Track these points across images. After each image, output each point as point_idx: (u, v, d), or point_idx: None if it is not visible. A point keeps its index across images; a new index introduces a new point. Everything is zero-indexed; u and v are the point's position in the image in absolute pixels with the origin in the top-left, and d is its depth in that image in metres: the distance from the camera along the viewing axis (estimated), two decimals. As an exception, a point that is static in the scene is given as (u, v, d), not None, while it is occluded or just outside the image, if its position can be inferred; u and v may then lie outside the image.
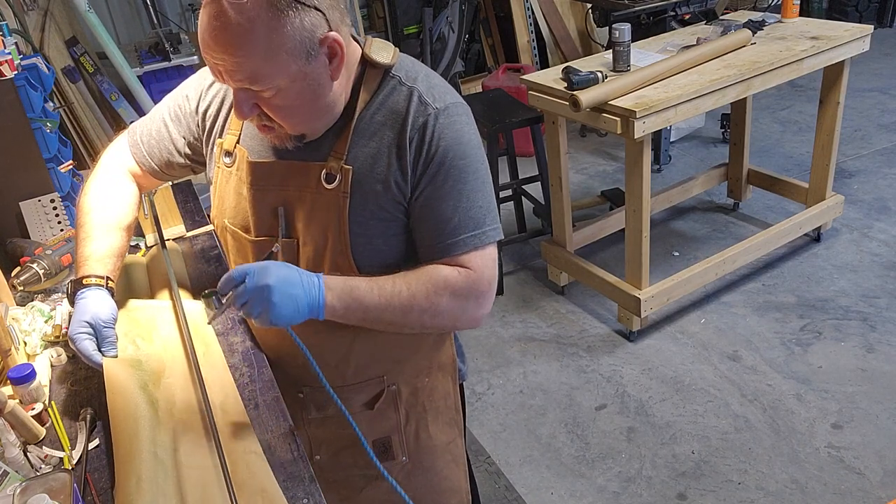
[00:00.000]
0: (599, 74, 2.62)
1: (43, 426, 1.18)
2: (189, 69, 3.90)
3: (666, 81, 2.63)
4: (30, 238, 1.82)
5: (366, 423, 1.36)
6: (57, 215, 1.86)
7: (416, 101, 1.17)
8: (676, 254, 3.47)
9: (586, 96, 2.48)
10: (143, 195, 1.51)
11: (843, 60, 2.97)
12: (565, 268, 3.19)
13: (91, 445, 1.15)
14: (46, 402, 1.24)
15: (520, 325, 3.12)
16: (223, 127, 1.30)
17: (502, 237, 1.24)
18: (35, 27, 3.66)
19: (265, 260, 1.16)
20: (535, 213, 3.67)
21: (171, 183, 1.82)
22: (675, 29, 3.65)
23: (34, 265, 1.54)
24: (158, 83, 3.90)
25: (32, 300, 1.52)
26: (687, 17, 3.83)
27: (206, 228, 1.75)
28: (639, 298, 2.81)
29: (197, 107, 1.33)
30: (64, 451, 1.14)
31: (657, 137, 4.06)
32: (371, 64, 1.19)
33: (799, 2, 3.12)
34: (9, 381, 1.21)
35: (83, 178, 2.20)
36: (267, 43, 1.03)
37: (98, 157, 1.46)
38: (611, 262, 3.32)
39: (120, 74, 3.62)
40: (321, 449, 1.43)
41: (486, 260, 1.21)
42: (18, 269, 1.56)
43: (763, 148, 4.35)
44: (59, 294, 1.57)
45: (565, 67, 2.77)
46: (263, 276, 1.09)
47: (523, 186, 3.57)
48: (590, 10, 4.60)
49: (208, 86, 1.32)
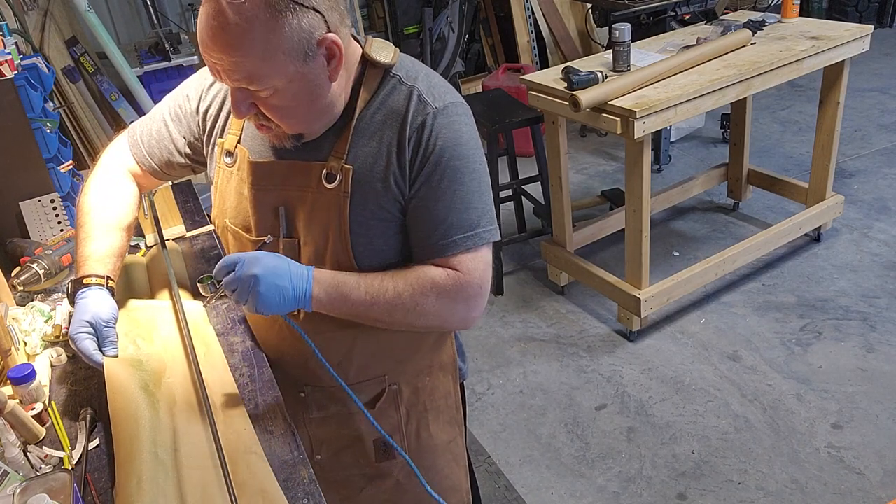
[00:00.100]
0: (599, 74, 2.62)
1: (43, 426, 1.18)
2: (189, 69, 3.90)
3: (666, 81, 2.63)
4: (30, 238, 1.82)
5: (367, 423, 1.36)
6: (57, 215, 1.86)
7: (415, 101, 1.17)
8: (676, 254, 3.47)
9: (586, 96, 2.48)
10: (143, 195, 1.51)
11: (843, 60, 2.97)
12: (565, 268, 3.19)
13: (91, 445, 1.15)
14: (46, 402, 1.24)
15: (520, 325, 3.12)
16: (224, 127, 1.30)
17: (499, 238, 1.23)
18: (35, 27, 3.66)
19: (258, 250, 1.17)
20: (535, 213, 3.67)
21: (170, 183, 1.83)
22: (675, 29, 3.65)
23: (34, 265, 1.54)
24: (158, 83, 3.90)
25: (32, 300, 1.52)
26: (687, 17, 3.83)
27: (206, 228, 1.75)
28: (639, 298, 2.81)
29: (197, 107, 1.33)
30: (64, 451, 1.14)
31: (657, 137, 4.06)
32: (371, 64, 1.19)
33: (799, 2, 3.12)
34: (9, 381, 1.21)
35: (83, 178, 2.19)
36: (264, 43, 1.03)
37: (98, 156, 1.46)
38: (611, 262, 3.32)
39: (120, 74, 3.62)
40: (322, 449, 1.43)
41: (476, 262, 1.20)
42: (18, 269, 1.56)
43: (763, 148, 4.35)
44: (59, 294, 1.57)
45: (565, 67, 2.77)
46: (252, 265, 1.11)
47: (523, 186, 3.57)
48: (590, 10, 4.60)
49: (209, 86, 1.32)
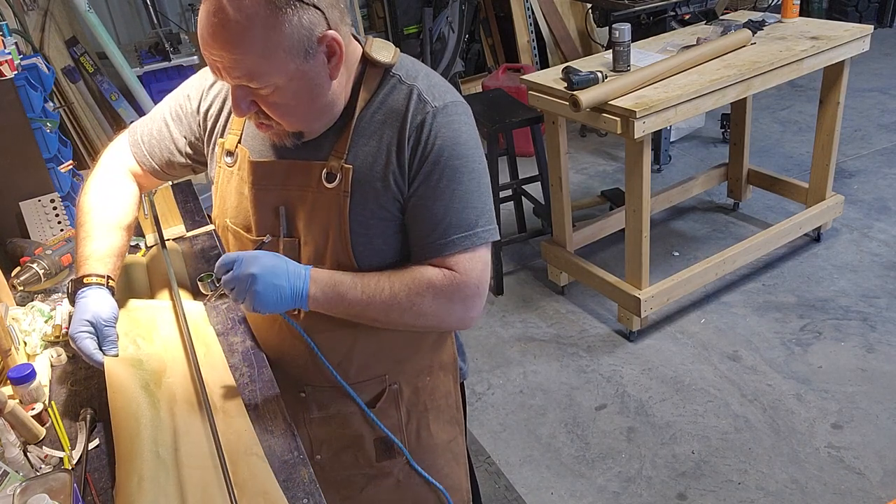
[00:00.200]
0: (599, 74, 2.62)
1: (43, 426, 1.18)
2: (189, 69, 3.90)
3: (666, 81, 2.63)
4: (30, 238, 1.82)
5: (367, 422, 1.36)
6: (57, 215, 1.86)
7: (415, 100, 1.17)
8: (676, 254, 3.47)
9: (586, 96, 2.48)
10: (143, 195, 1.51)
11: (843, 60, 2.97)
12: (565, 268, 3.19)
13: (91, 445, 1.15)
14: (46, 402, 1.24)
15: (520, 325, 3.12)
16: (224, 127, 1.30)
17: (498, 238, 1.23)
18: (35, 27, 3.66)
19: (256, 249, 1.18)
20: (535, 213, 3.67)
21: (171, 183, 1.83)
22: (675, 29, 3.65)
23: (34, 265, 1.54)
24: (158, 83, 3.90)
25: (32, 300, 1.52)
26: (687, 17, 3.83)
27: (206, 228, 1.75)
28: (639, 298, 2.81)
29: (198, 107, 1.33)
30: (64, 451, 1.14)
31: (657, 137, 4.06)
32: (371, 63, 1.19)
33: (799, 2, 3.12)
34: (9, 381, 1.21)
35: (83, 178, 2.19)
36: (265, 40, 1.03)
37: (98, 156, 1.46)
38: (611, 262, 3.32)
39: (120, 74, 3.61)
40: (322, 449, 1.43)
41: (474, 262, 1.20)
42: (18, 269, 1.56)
43: (763, 148, 4.35)
44: (59, 294, 1.57)
45: (565, 67, 2.77)
46: (250, 264, 1.12)
47: (523, 186, 3.56)
48: (590, 10, 4.59)
49: (209, 86, 1.32)
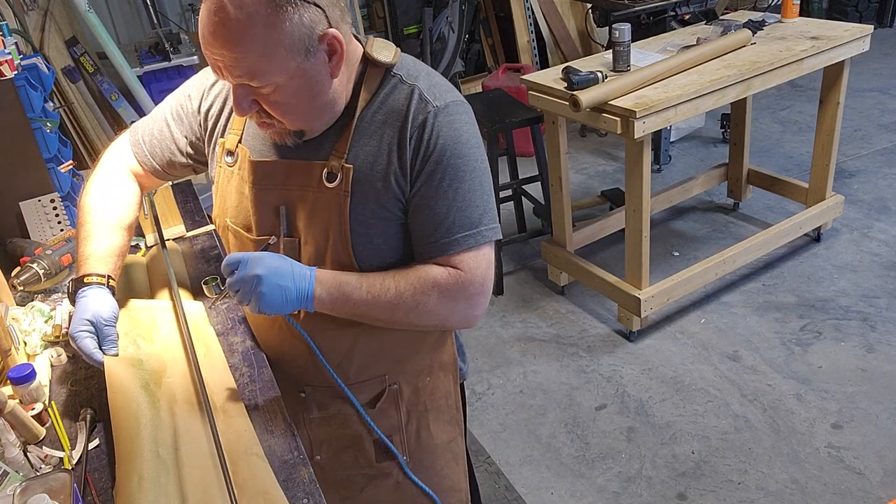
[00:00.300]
0: (599, 74, 2.62)
1: (43, 426, 1.18)
2: (189, 69, 3.90)
3: (666, 81, 2.63)
4: (30, 238, 1.82)
5: (367, 423, 1.36)
6: (57, 215, 1.86)
7: (416, 99, 1.17)
8: (676, 254, 3.47)
9: (586, 96, 2.48)
10: (143, 195, 1.51)
11: (843, 60, 2.97)
12: (565, 268, 3.19)
13: (91, 445, 1.15)
14: (46, 402, 1.24)
15: (520, 325, 3.12)
16: (225, 126, 1.30)
17: (500, 237, 1.24)
18: (35, 27, 3.66)
19: (262, 251, 1.17)
20: (535, 213, 3.67)
21: (170, 183, 1.83)
22: (675, 29, 3.65)
23: (34, 265, 1.54)
24: (158, 83, 3.90)
25: (32, 300, 1.52)
26: (687, 17, 3.83)
27: (206, 228, 1.75)
28: (639, 298, 2.81)
29: (199, 106, 1.33)
30: (64, 451, 1.14)
31: (657, 137, 4.06)
32: (372, 63, 1.19)
33: (799, 2, 3.12)
34: (9, 381, 1.21)
35: (83, 178, 2.20)
36: (265, 39, 1.03)
37: (99, 156, 1.46)
38: (611, 262, 3.32)
39: (120, 74, 3.61)
40: (322, 449, 1.42)
41: (478, 261, 1.20)
42: (18, 269, 1.56)
43: (763, 148, 4.35)
44: (59, 294, 1.57)
45: (565, 67, 2.77)
46: (255, 266, 1.11)
47: (523, 186, 3.56)
48: (590, 10, 4.59)
49: (210, 85, 1.32)
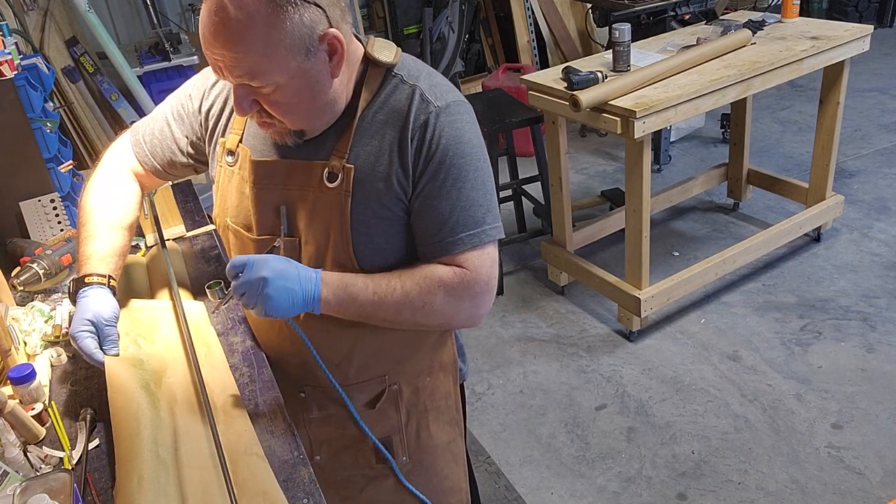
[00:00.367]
0: (599, 74, 2.62)
1: (43, 426, 1.18)
2: (189, 69, 3.90)
3: (666, 81, 2.63)
4: (30, 238, 1.82)
5: (367, 423, 1.36)
6: (57, 215, 1.86)
7: (417, 100, 1.17)
8: (676, 254, 3.47)
9: (586, 96, 2.48)
10: (143, 195, 1.51)
11: (843, 60, 2.97)
12: (565, 268, 3.19)
13: (91, 445, 1.15)
14: (46, 402, 1.24)
15: (520, 325, 3.12)
16: (226, 126, 1.30)
17: (503, 236, 1.24)
18: (35, 27, 3.66)
19: (266, 253, 1.17)
20: (535, 213, 3.67)
21: (170, 183, 1.83)
22: (675, 29, 3.65)
23: (34, 265, 1.54)
24: (158, 83, 3.90)
25: (32, 300, 1.52)
26: (687, 17, 3.83)
27: (206, 228, 1.75)
28: (639, 298, 2.80)
29: (200, 106, 1.33)
30: (64, 451, 1.14)
31: (657, 137, 4.06)
32: (373, 63, 1.19)
33: (799, 2, 3.12)
34: (9, 381, 1.21)
35: (83, 178, 2.20)
36: (266, 38, 1.03)
37: (99, 156, 1.46)
38: (611, 262, 3.32)
39: (120, 74, 3.61)
40: (322, 449, 1.42)
41: (483, 259, 1.21)
42: (18, 269, 1.56)
43: (763, 148, 4.35)
44: (60, 294, 1.57)
45: (565, 67, 2.77)
46: (260, 268, 1.11)
47: (523, 186, 3.57)
48: (590, 10, 4.59)
49: (211, 85, 1.32)
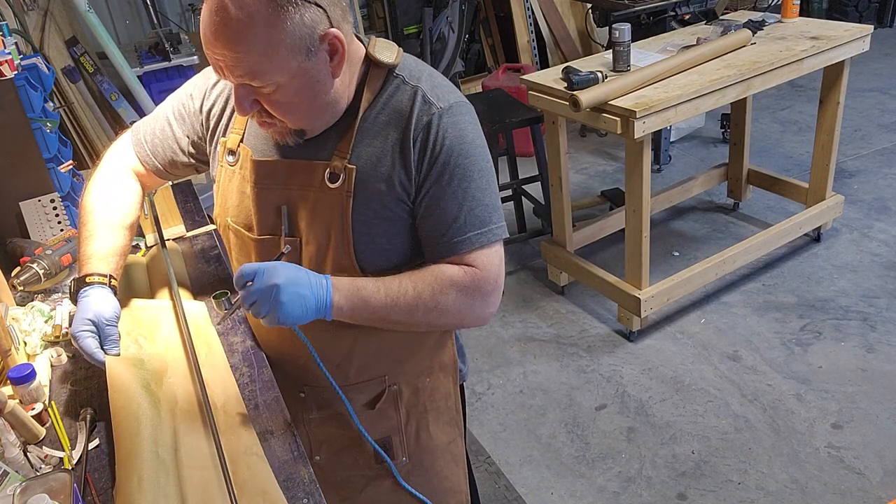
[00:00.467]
0: (599, 74, 2.62)
1: (43, 426, 1.18)
2: (189, 69, 3.90)
3: (666, 81, 2.63)
4: (30, 238, 1.82)
5: (367, 423, 1.36)
6: (57, 215, 1.86)
7: (420, 101, 1.17)
8: (676, 254, 3.47)
9: (586, 96, 2.48)
10: (144, 195, 1.51)
11: (843, 60, 2.97)
12: (565, 268, 3.19)
13: (91, 445, 1.15)
14: (46, 402, 1.24)
15: (520, 325, 3.12)
16: (227, 126, 1.30)
17: (507, 235, 1.25)
18: (35, 27, 3.65)
19: (275, 260, 1.15)
20: (535, 213, 3.67)
21: (171, 183, 1.83)
22: (675, 29, 3.65)
23: (34, 265, 1.54)
24: (158, 83, 3.90)
25: (32, 300, 1.52)
26: (687, 17, 3.83)
27: (206, 228, 1.75)
28: (639, 298, 2.80)
29: (201, 106, 1.33)
30: (64, 451, 1.14)
31: (657, 137, 4.06)
32: (375, 63, 1.19)
33: (799, 2, 3.12)
34: (9, 381, 1.21)
35: (83, 178, 2.20)
36: (266, 38, 1.03)
37: (99, 156, 1.46)
38: (611, 262, 3.32)
39: (120, 74, 3.61)
40: (321, 449, 1.43)
41: (492, 258, 1.21)
42: (18, 269, 1.56)
43: (763, 148, 4.35)
44: (60, 294, 1.57)
45: (565, 67, 2.77)
46: (272, 275, 1.09)
47: (523, 186, 3.57)
48: (590, 10, 4.59)
49: (212, 85, 1.32)
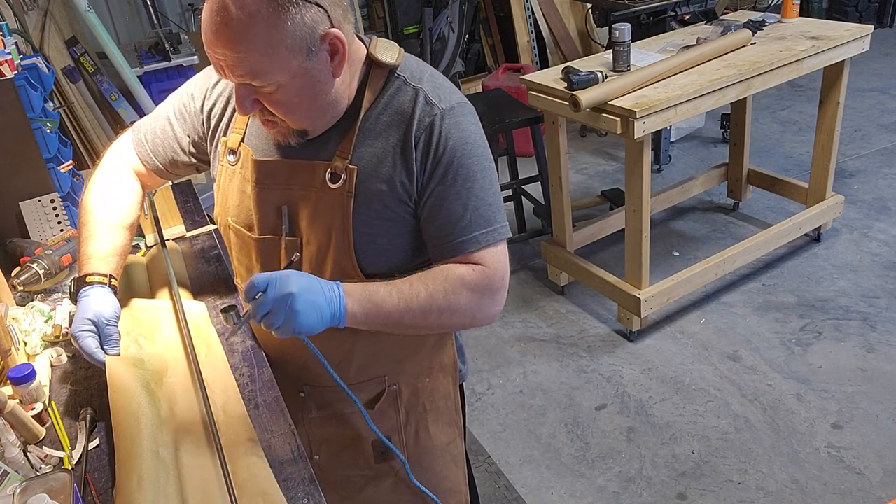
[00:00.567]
0: (599, 74, 2.62)
1: (43, 426, 1.18)
2: (189, 69, 3.90)
3: (666, 81, 2.63)
4: (30, 238, 1.82)
5: (366, 423, 1.36)
6: (57, 215, 1.86)
7: (421, 102, 1.17)
8: (676, 254, 3.47)
9: (586, 96, 2.48)
10: (144, 194, 1.51)
11: (843, 60, 2.97)
12: (565, 268, 3.19)
13: (91, 445, 1.15)
14: (46, 402, 1.24)
15: (520, 325, 3.12)
16: (228, 125, 1.30)
17: (511, 235, 1.25)
18: (35, 27, 3.66)
19: (286, 269, 1.13)
20: (535, 213, 3.67)
21: (171, 183, 1.83)
22: (675, 29, 3.65)
23: (34, 265, 1.54)
24: (158, 83, 3.90)
25: (32, 300, 1.52)
26: (687, 17, 3.83)
27: (207, 228, 1.75)
28: (639, 298, 2.80)
29: (202, 105, 1.33)
30: (64, 451, 1.14)
31: (657, 137, 4.06)
32: (376, 64, 1.19)
33: (799, 2, 3.12)
34: (9, 381, 1.21)
35: (83, 178, 2.20)
36: (267, 38, 1.03)
37: (99, 156, 1.46)
38: (611, 262, 3.32)
39: (120, 74, 3.62)
40: (321, 449, 1.43)
41: (498, 256, 1.21)
42: (18, 269, 1.56)
43: (763, 148, 4.35)
44: (60, 294, 1.57)
45: (565, 67, 2.77)
46: (286, 284, 1.06)
47: (523, 186, 3.57)
48: (590, 10, 4.60)
49: (213, 84, 1.32)
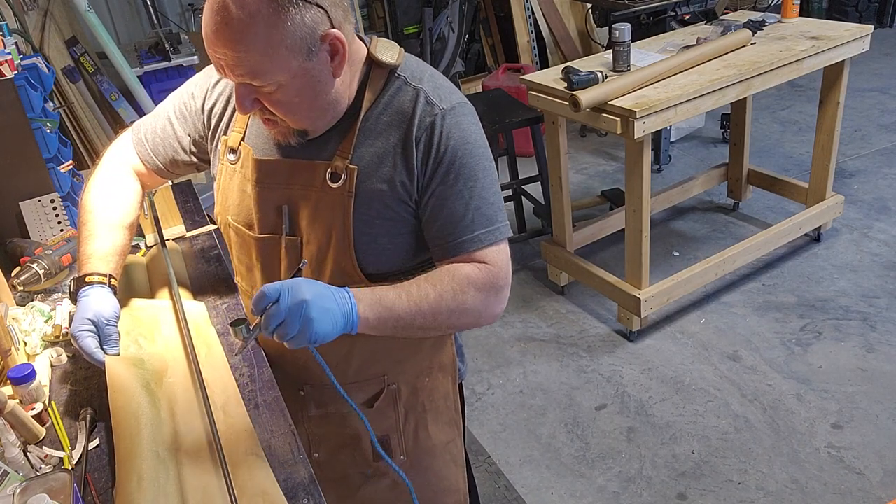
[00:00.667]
0: (599, 74, 2.62)
1: (43, 426, 1.18)
2: (189, 69, 3.90)
3: (666, 81, 2.63)
4: (30, 238, 1.82)
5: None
6: (57, 215, 1.86)
7: (422, 102, 1.17)
8: (676, 254, 3.47)
9: (586, 96, 2.48)
10: (144, 194, 1.51)
11: (843, 60, 2.97)
12: (565, 268, 3.19)
13: (91, 445, 1.15)
14: (46, 402, 1.24)
15: (520, 325, 3.12)
16: (228, 124, 1.30)
17: (512, 234, 1.25)
18: (35, 27, 3.66)
19: (293, 277, 1.10)
20: (535, 213, 3.67)
21: (171, 183, 1.83)
22: (675, 29, 3.65)
23: (34, 265, 1.54)
24: (158, 83, 3.90)
25: (32, 300, 1.52)
26: (687, 17, 3.83)
27: (206, 228, 1.75)
28: (639, 298, 2.81)
29: (202, 104, 1.33)
30: (64, 451, 1.14)
31: (657, 137, 4.06)
32: (377, 64, 1.19)
33: (799, 2, 3.12)
34: (9, 381, 1.21)
35: (83, 178, 2.20)
36: (267, 38, 1.03)
37: (99, 156, 1.46)
38: (611, 262, 3.32)
39: (120, 74, 3.62)
40: (320, 447, 1.43)
41: (501, 255, 1.21)
42: (18, 269, 1.56)
43: (763, 148, 4.35)
44: (60, 294, 1.57)
45: (565, 67, 2.77)
46: (299, 292, 1.03)
47: (523, 186, 3.57)
48: (590, 10, 4.60)
49: (214, 84, 1.32)
